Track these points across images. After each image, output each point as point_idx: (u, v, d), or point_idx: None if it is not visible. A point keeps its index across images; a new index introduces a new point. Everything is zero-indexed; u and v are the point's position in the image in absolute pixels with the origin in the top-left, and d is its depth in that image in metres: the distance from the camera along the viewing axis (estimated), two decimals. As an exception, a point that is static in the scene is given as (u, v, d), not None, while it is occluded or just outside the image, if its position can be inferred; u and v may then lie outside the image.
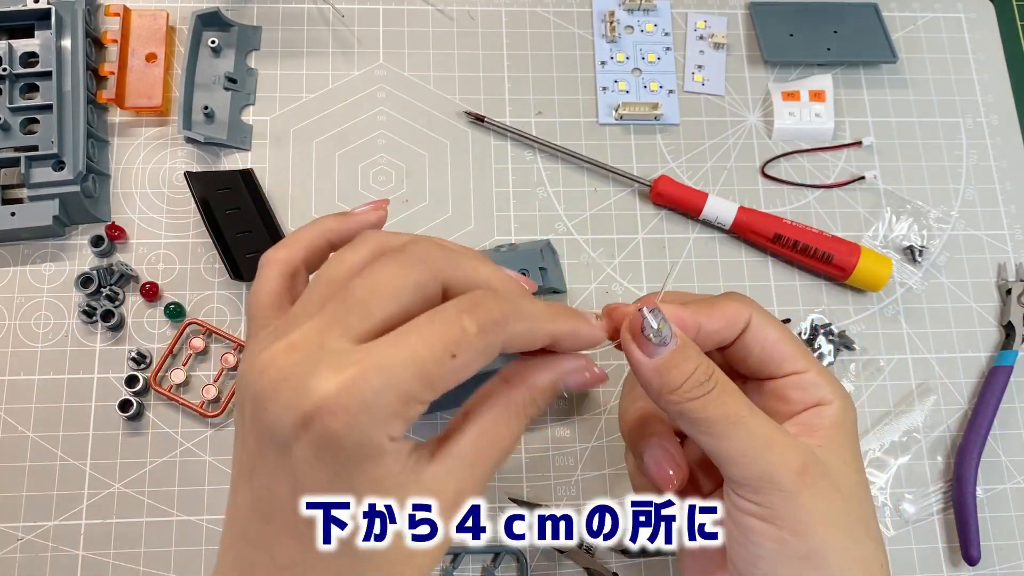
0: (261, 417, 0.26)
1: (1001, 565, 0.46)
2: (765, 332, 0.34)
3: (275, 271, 0.31)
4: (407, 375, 0.26)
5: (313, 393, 0.25)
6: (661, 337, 0.31)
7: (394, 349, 0.26)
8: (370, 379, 0.25)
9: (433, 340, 0.26)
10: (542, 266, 0.46)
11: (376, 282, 0.27)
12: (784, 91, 0.53)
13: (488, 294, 0.29)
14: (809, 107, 0.53)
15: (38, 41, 0.48)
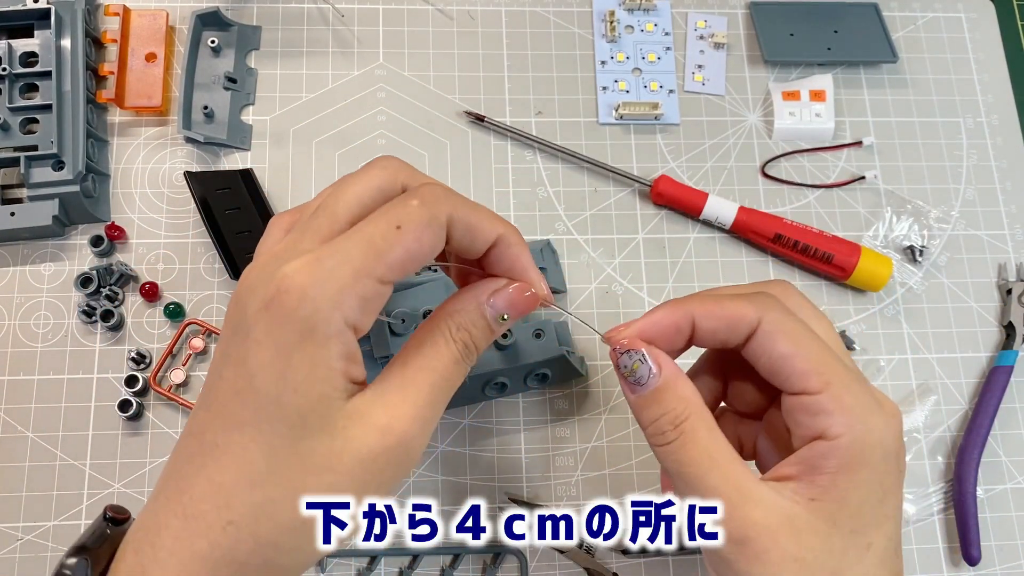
0: (236, 313, 0.28)
1: (1001, 565, 0.45)
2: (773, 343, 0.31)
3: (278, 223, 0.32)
4: (357, 250, 0.27)
5: (278, 276, 0.27)
6: (636, 377, 0.32)
7: (348, 236, 0.28)
8: (324, 259, 0.27)
9: (379, 218, 0.28)
10: (542, 266, 0.46)
11: (343, 191, 0.29)
12: (784, 91, 0.53)
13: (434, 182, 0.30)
14: (809, 107, 0.53)
15: (38, 41, 0.48)
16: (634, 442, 0.46)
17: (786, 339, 0.31)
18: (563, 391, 0.46)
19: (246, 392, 0.27)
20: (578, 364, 0.45)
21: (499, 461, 0.45)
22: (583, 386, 0.47)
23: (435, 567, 0.43)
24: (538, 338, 0.43)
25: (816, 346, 0.31)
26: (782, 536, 0.29)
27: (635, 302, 0.49)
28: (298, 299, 0.26)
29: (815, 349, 0.31)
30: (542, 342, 0.43)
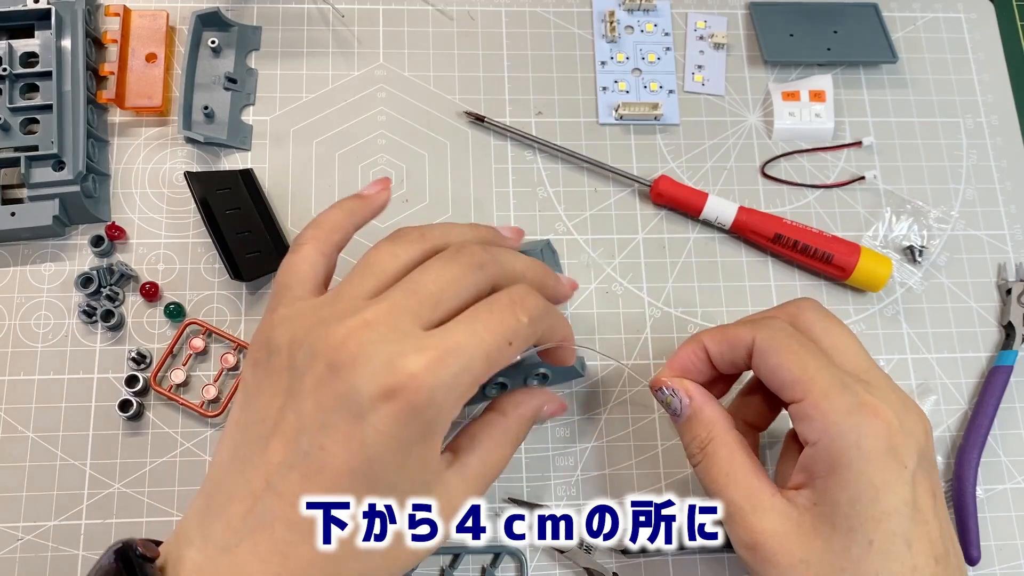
0: (333, 385, 0.28)
1: (1001, 565, 0.46)
2: (764, 357, 0.35)
3: (314, 249, 0.34)
4: (477, 359, 0.30)
5: (401, 369, 0.28)
6: (671, 409, 0.37)
7: (466, 336, 0.30)
8: (449, 361, 0.29)
9: (496, 329, 0.30)
10: None
11: (443, 280, 0.31)
12: (784, 91, 0.53)
13: (529, 290, 0.33)
14: (809, 107, 0.53)
15: (38, 41, 0.48)
16: (634, 442, 0.46)
17: (774, 353, 0.34)
18: (563, 391, 0.46)
19: (363, 475, 0.29)
20: (578, 365, 0.45)
21: (499, 461, 0.45)
22: (583, 386, 0.47)
23: (435, 567, 0.43)
24: None
25: (800, 357, 0.34)
26: (789, 540, 0.32)
27: (635, 302, 0.49)
28: (427, 402, 0.28)
29: (798, 360, 0.34)
30: None
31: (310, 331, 0.30)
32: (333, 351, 0.29)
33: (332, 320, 0.30)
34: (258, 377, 0.31)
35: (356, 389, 0.28)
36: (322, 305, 0.31)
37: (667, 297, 0.49)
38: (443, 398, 0.29)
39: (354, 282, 0.32)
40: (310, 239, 0.35)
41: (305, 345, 0.30)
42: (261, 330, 0.33)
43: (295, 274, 0.34)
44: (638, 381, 0.47)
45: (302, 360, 0.30)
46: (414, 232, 0.34)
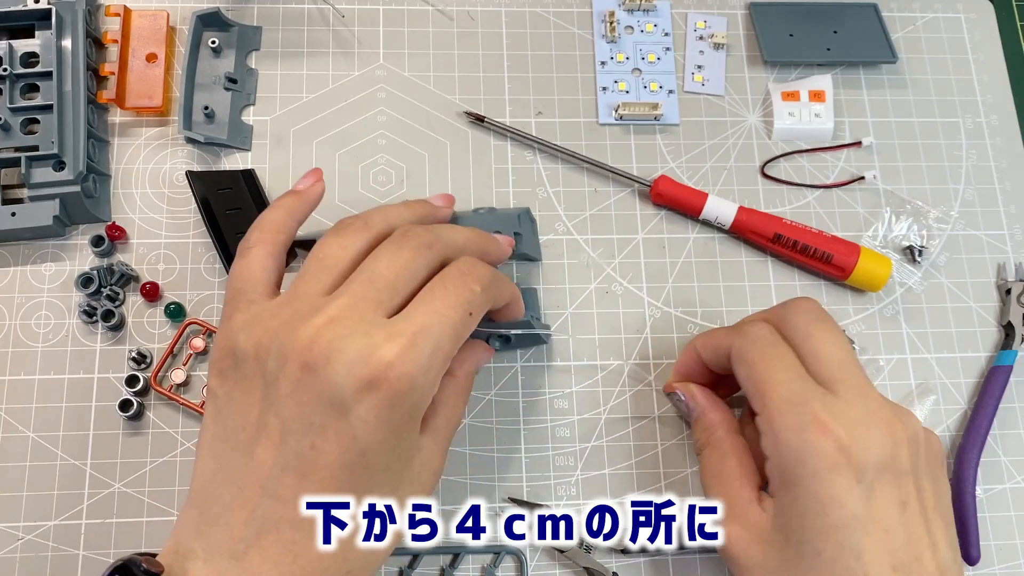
0: (311, 385, 0.29)
1: (1001, 565, 0.46)
2: (737, 367, 0.37)
3: (263, 252, 0.34)
4: (446, 335, 0.31)
5: (377, 360, 0.29)
6: (682, 412, 0.43)
7: (430, 316, 0.31)
8: (420, 343, 0.30)
9: (455, 303, 0.32)
10: (517, 231, 0.46)
11: (397, 265, 0.32)
12: (784, 91, 0.53)
13: (475, 260, 0.35)
14: (809, 107, 0.53)
15: (38, 41, 0.48)
16: (634, 442, 0.46)
17: (744, 364, 0.36)
18: (562, 390, 0.47)
19: (358, 466, 0.29)
20: (542, 331, 0.45)
21: (499, 461, 0.45)
22: (583, 386, 0.47)
23: (435, 567, 0.43)
24: None
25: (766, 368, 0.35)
26: (751, 546, 0.34)
27: (635, 302, 0.49)
28: (409, 387, 0.29)
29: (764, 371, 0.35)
30: None
31: (275, 334, 0.30)
32: (305, 351, 0.29)
33: (296, 321, 0.30)
34: (227, 387, 0.31)
35: (337, 385, 0.28)
36: (281, 306, 0.32)
37: (667, 297, 0.49)
38: (423, 380, 0.30)
39: (309, 279, 0.32)
40: (256, 242, 0.35)
41: (273, 349, 0.30)
42: (222, 338, 0.33)
43: (247, 278, 0.34)
44: (636, 382, 0.47)
45: (272, 364, 0.30)
46: (357, 221, 0.34)
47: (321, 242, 0.34)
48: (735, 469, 0.37)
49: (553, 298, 0.48)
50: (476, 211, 0.48)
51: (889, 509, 0.32)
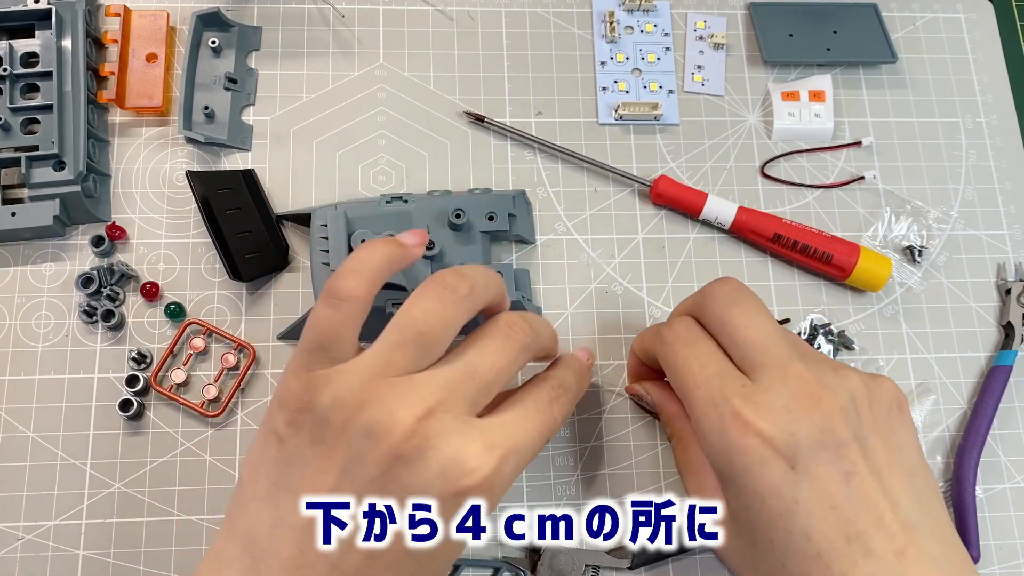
0: (403, 473, 0.29)
1: (1001, 565, 0.46)
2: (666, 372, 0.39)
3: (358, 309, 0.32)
4: (527, 457, 0.32)
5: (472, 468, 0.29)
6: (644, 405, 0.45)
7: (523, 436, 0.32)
8: (509, 461, 0.31)
9: (545, 429, 0.33)
10: (512, 212, 0.47)
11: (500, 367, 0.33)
12: (784, 91, 0.53)
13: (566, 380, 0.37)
14: (808, 107, 0.53)
15: (38, 41, 0.48)
16: (633, 442, 0.46)
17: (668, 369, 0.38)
18: (563, 391, 0.47)
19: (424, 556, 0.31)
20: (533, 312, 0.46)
21: (499, 461, 0.45)
22: (583, 386, 0.47)
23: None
24: None
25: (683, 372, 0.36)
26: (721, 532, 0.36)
27: (635, 302, 0.49)
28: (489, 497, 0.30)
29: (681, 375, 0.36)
30: None
31: (364, 407, 0.29)
32: (400, 441, 0.29)
33: (390, 399, 0.29)
34: (300, 441, 0.30)
35: (428, 484, 0.29)
36: (372, 377, 0.30)
37: (667, 297, 0.49)
38: (500, 492, 0.31)
39: (406, 354, 0.31)
40: (352, 294, 0.32)
41: (361, 424, 0.29)
42: (299, 386, 0.31)
43: (334, 337, 0.31)
44: (638, 381, 0.47)
45: (359, 440, 0.29)
46: (463, 286, 0.33)
47: (421, 305, 0.32)
48: (698, 458, 0.38)
49: (553, 298, 0.48)
50: (472, 191, 0.48)
51: (832, 484, 0.32)
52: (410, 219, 0.45)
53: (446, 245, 0.45)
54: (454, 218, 0.45)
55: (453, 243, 0.45)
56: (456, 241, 0.46)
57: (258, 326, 0.47)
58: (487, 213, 0.46)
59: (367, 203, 0.46)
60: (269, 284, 0.48)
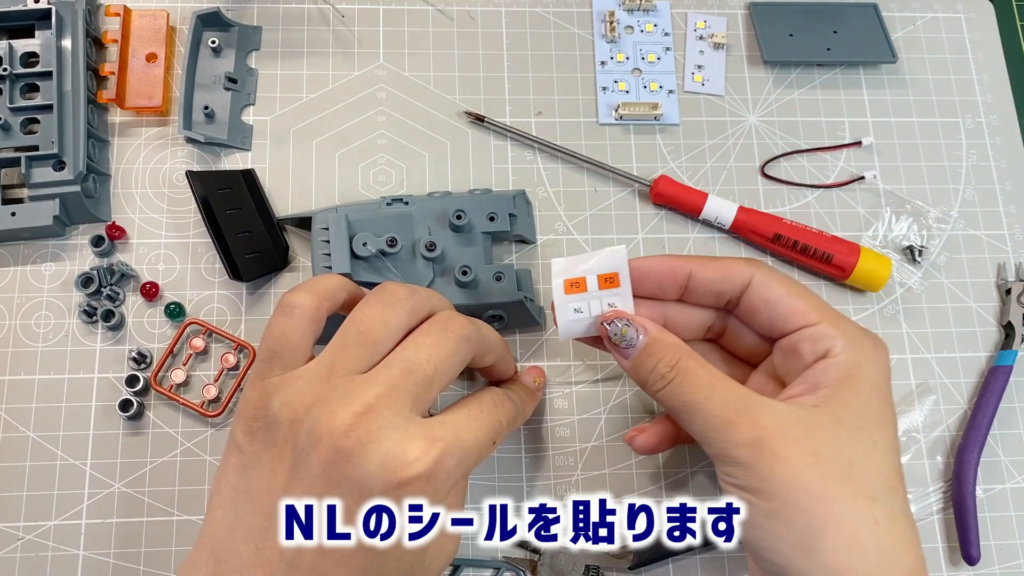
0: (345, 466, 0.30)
1: (1001, 565, 0.46)
2: (769, 289, 0.36)
3: (306, 318, 0.34)
4: (472, 455, 0.32)
5: (410, 463, 0.30)
6: (626, 340, 0.36)
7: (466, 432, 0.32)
8: (453, 455, 0.31)
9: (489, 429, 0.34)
10: (512, 212, 0.47)
11: (438, 359, 0.33)
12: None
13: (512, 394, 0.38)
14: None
15: (38, 41, 0.48)
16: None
17: (780, 284, 0.36)
18: (562, 390, 0.47)
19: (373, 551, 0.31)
20: (536, 312, 0.46)
21: (499, 461, 0.45)
22: (583, 386, 0.47)
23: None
24: (498, 280, 0.44)
25: (807, 290, 0.36)
26: (795, 433, 0.32)
27: (635, 302, 0.49)
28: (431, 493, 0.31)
29: (806, 292, 0.36)
30: (502, 285, 0.44)
31: (310, 410, 0.31)
32: (341, 436, 0.30)
33: (333, 400, 0.31)
34: (256, 447, 0.32)
35: (369, 475, 0.30)
36: (319, 380, 0.32)
37: (667, 297, 0.49)
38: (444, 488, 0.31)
39: (348, 355, 0.33)
40: (301, 305, 0.34)
41: (306, 425, 0.31)
42: (255, 395, 0.33)
43: (285, 343, 0.34)
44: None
45: (304, 440, 0.31)
46: (401, 291, 0.34)
47: (363, 310, 0.34)
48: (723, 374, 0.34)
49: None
50: (472, 192, 0.48)
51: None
52: (411, 221, 0.45)
53: (447, 246, 0.45)
54: (455, 219, 0.45)
55: (454, 244, 0.45)
56: (457, 242, 0.46)
57: (258, 326, 0.47)
58: (488, 213, 0.46)
59: (368, 205, 0.46)
60: (269, 284, 0.48)
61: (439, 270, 0.45)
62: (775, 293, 0.36)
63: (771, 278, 0.36)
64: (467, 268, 0.44)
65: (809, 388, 0.34)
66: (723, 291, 0.37)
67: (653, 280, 0.37)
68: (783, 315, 0.35)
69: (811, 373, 0.34)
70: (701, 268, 0.37)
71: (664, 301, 0.38)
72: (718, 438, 0.33)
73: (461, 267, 0.44)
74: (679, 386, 0.34)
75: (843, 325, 0.34)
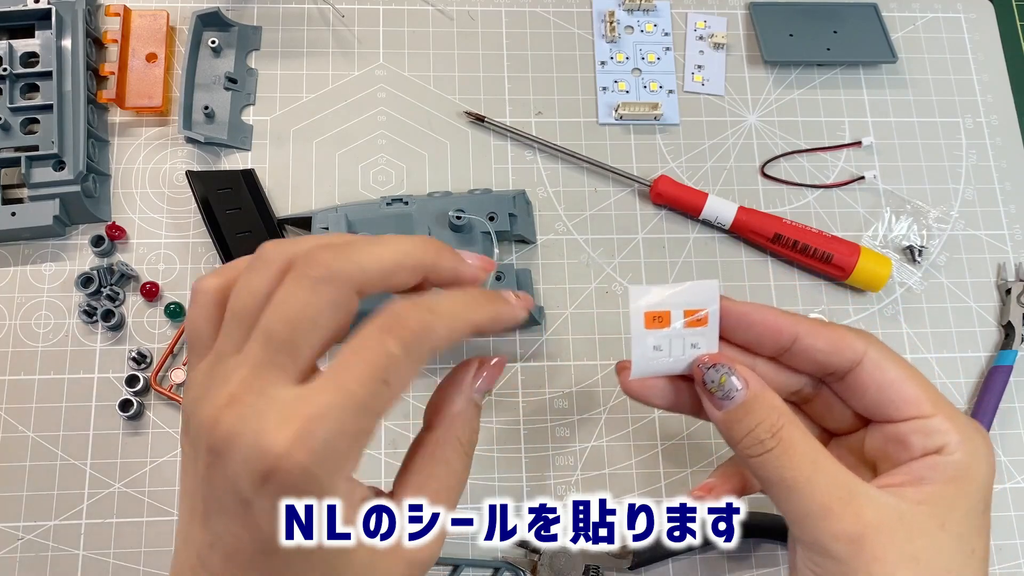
0: (218, 471, 0.26)
1: (1001, 565, 0.46)
2: (882, 370, 0.32)
3: (206, 299, 0.30)
4: (347, 416, 0.26)
5: (267, 451, 0.25)
6: (724, 391, 0.32)
7: (330, 394, 0.26)
8: (315, 430, 0.25)
9: (364, 374, 0.26)
10: (512, 212, 0.47)
11: (291, 315, 0.27)
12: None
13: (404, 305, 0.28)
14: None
15: (38, 41, 0.48)
16: (634, 442, 0.46)
17: (895, 367, 0.32)
18: (562, 390, 0.47)
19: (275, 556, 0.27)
20: (536, 312, 0.46)
21: (499, 461, 0.45)
22: (583, 386, 0.47)
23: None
24: (499, 280, 0.45)
25: (919, 374, 0.33)
26: (898, 535, 0.30)
27: (635, 302, 0.49)
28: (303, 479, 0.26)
29: (920, 377, 0.32)
30: (502, 285, 0.45)
31: (195, 405, 0.28)
32: (209, 435, 0.27)
33: (205, 391, 0.28)
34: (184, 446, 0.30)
35: (237, 476, 0.26)
36: (205, 370, 0.29)
37: (667, 297, 0.49)
38: (319, 469, 0.26)
39: (227, 337, 0.28)
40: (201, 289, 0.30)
41: (193, 423, 0.28)
42: None
43: (192, 331, 0.30)
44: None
45: (194, 439, 0.28)
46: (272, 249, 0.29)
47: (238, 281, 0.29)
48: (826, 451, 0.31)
49: (553, 298, 0.48)
50: (472, 192, 0.48)
51: None
52: (411, 221, 0.45)
53: None
54: (455, 219, 0.45)
55: (454, 244, 0.46)
56: (457, 242, 0.46)
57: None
58: (488, 213, 0.46)
59: (368, 205, 0.46)
60: (269, 284, 0.47)
61: None
62: (888, 376, 0.32)
63: (885, 358, 0.32)
64: None
65: (913, 481, 0.31)
66: (829, 364, 0.33)
67: (757, 332, 0.33)
68: (894, 402, 0.32)
69: (917, 466, 0.31)
70: (810, 334, 0.33)
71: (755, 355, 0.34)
72: (814, 526, 0.30)
73: None
74: (778, 458, 0.31)
75: (958, 420, 0.32)
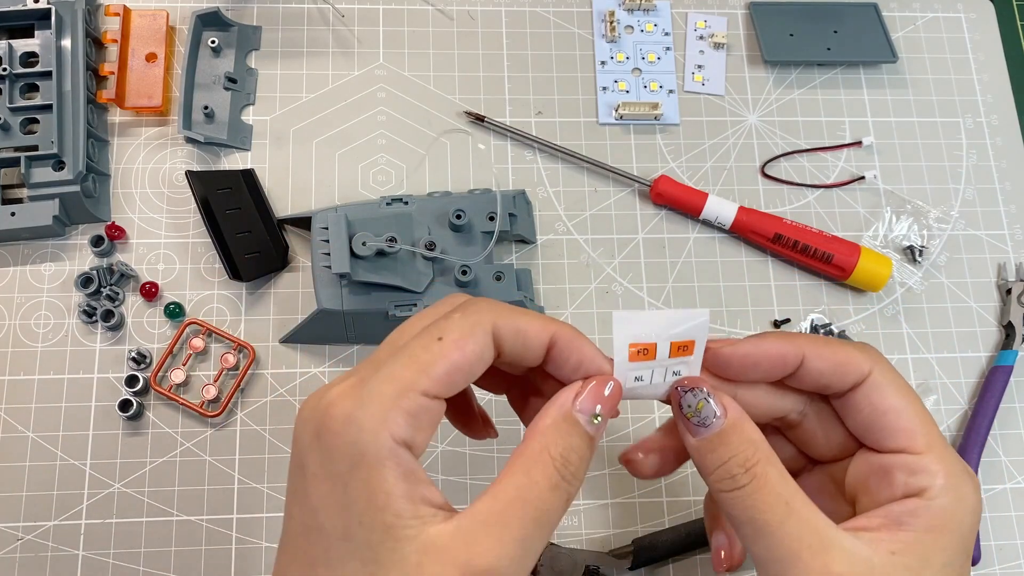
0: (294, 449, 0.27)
1: (1001, 565, 0.46)
2: (882, 396, 0.31)
3: None
4: (399, 366, 0.26)
5: (322, 405, 0.26)
6: (700, 418, 0.30)
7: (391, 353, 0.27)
8: (366, 380, 0.26)
9: (422, 334, 0.27)
10: (512, 212, 0.47)
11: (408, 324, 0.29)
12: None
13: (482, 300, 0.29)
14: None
15: (38, 41, 0.48)
16: (633, 442, 0.46)
17: (897, 394, 0.30)
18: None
19: (313, 531, 0.26)
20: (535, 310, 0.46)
21: (499, 461, 0.45)
22: (583, 386, 0.47)
23: None
24: (498, 280, 0.45)
25: (921, 406, 0.31)
26: None
27: (635, 302, 0.49)
28: (343, 424, 0.25)
29: (920, 409, 0.31)
30: (502, 285, 0.45)
31: None
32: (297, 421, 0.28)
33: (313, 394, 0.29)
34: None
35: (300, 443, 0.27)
36: None
37: (667, 297, 0.49)
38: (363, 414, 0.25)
39: None
40: None
41: None
42: None
43: None
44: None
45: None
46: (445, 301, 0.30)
47: None
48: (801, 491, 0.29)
49: (553, 298, 0.48)
50: (472, 191, 0.48)
51: None
52: (410, 221, 0.45)
53: (447, 246, 0.45)
54: (455, 219, 0.45)
55: (454, 244, 0.46)
56: (457, 241, 0.46)
57: (258, 326, 0.47)
58: (488, 213, 0.46)
59: (367, 205, 0.46)
60: (269, 284, 0.47)
61: (439, 270, 0.45)
62: (887, 403, 0.30)
63: (889, 382, 0.31)
64: (467, 268, 0.44)
65: (888, 525, 0.29)
66: (829, 384, 0.31)
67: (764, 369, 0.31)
68: (886, 429, 0.30)
69: (896, 508, 0.29)
70: (815, 357, 0.31)
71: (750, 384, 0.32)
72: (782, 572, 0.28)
73: (461, 267, 0.44)
74: (750, 496, 0.29)
75: (948, 461, 0.29)
